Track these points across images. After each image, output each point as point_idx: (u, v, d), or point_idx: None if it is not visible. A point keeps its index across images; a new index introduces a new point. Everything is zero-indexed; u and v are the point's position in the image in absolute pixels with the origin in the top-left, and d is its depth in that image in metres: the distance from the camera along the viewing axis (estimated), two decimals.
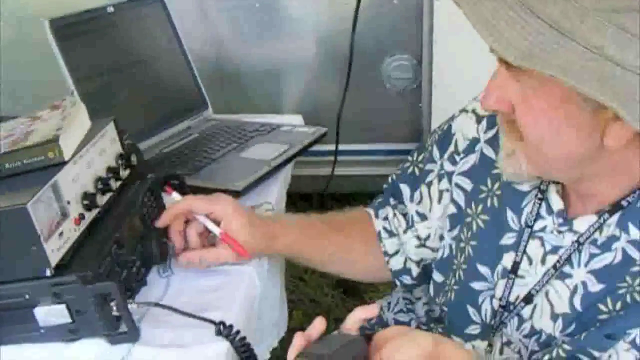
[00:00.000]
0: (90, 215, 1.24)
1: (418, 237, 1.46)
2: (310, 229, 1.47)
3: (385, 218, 1.50)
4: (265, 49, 2.71)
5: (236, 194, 1.58)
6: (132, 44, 1.93)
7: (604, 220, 1.14)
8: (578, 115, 1.01)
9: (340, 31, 2.60)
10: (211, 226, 1.35)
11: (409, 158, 1.50)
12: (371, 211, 1.53)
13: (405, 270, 1.49)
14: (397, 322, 1.60)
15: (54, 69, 1.71)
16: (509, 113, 1.10)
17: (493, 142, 1.31)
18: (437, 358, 1.00)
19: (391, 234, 1.49)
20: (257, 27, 2.66)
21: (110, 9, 1.87)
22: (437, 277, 1.40)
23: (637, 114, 0.94)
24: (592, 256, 1.15)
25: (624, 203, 1.13)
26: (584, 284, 1.16)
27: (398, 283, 1.52)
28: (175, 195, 1.38)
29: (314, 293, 2.99)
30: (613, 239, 1.13)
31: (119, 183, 1.34)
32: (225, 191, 1.58)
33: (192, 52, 2.04)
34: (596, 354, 1.10)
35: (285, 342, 1.53)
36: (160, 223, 1.37)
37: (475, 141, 1.36)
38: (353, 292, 2.97)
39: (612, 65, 0.95)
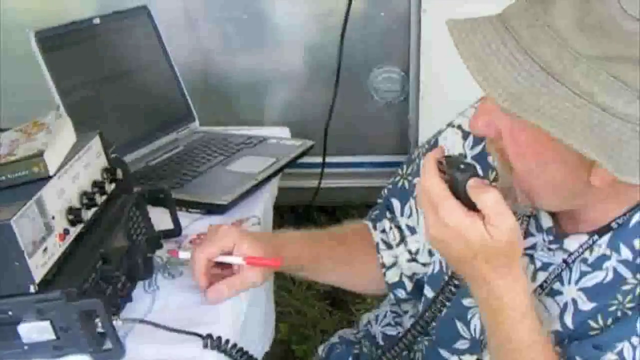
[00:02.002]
0: (75, 231, 1.23)
1: (409, 252, 1.46)
2: (314, 240, 1.46)
3: (383, 230, 1.50)
4: (252, 60, 2.71)
5: (222, 208, 1.57)
6: (119, 56, 1.91)
7: (594, 241, 1.15)
8: (564, 152, 1.01)
9: (328, 43, 2.61)
10: (232, 260, 1.30)
11: (399, 171, 1.50)
12: (369, 223, 1.53)
13: (400, 284, 1.49)
14: (385, 335, 1.60)
15: (39, 79, 1.69)
16: (497, 139, 1.10)
17: (480, 158, 1.30)
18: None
19: (388, 246, 1.48)
20: (244, 39, 2.67)
21: (97, 21, 1.86)
22: (428, 292, 1.39)
23: (622, 163, 0.94)
24: (582, 274, 1.16)
25: (614, 225, 1.13)
26: (574, 301, 1.16)
27: (392, 296, 1.51)
28: (183, 254, 1.33)
29: (300, 305, 2.98)
30: (604, 258, 1.14)
31: (104, 197, 1.33)
32: (211, 205, 1.58)
33: (178, 63, 2.03)
34: None
35: (270, 356, 1.53)
36: (203, 286, 1.30)
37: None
38: (340, 304, 2.97)
39: (600, 112, 0.95)
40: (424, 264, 1.44)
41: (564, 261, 1.18)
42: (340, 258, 1.50)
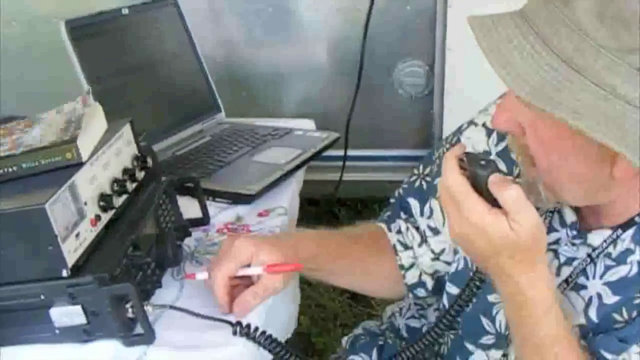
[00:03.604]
0: (106, 217, 1.24)
1: (432, 252, 1.45)
2: (329, 241, 1.44)
3: (399, 231, 1.49)
4: (277, 53, 2.72)
5: (249, 198, 1.58)
6: (146, 46, 1.93)
7: (618, 236, 1.15)
8: (587, 146, 1.01)
9: (353, 36, 2.60)
10: (252, 271, 1.27)
11: (415, 171, 1.50)
12: (383, 225, 1.52)
13: (421, 284, 1.48)
14: (409, 328, 1.60)
15: (66, 69, 1.71)
16: (520, 136, 1.10)
17: (504, 154, 1.30)
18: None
19: (406, 247, 1.47)
20: (269, 32, 2.67)
21: (125, 11, 1.88)
22: (452, 289, 1.39)
23: None
24: (607, 268, 1.16)
25: (637, 219, 1.14)
26: (599, 295, 1.16)
27: (411, 296, 1.51)
28: (201, 275, 1.28)
29: (320, 298, 2.99)
30: (628, 252, 1.14)
31: (134, 185, 1.34)
32: (238, 195, 1.59)
33: (203, 55, 2.05)
34: (608, 356, 1.12)
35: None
36: (227, 308, 1.25)
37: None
38: (360, 297, 2.97)
39: (622, 104, 0.95)
40: (447, 263, 1.44)
41: (589, 256, 1.18)
42: (356, 258, 1.48)
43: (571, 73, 0.96)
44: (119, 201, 1.28)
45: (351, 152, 2.70)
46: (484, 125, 1.37)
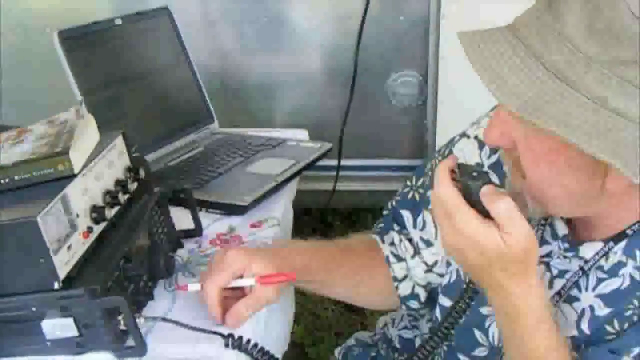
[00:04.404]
0: (98, 229, 1.24)
1: (425, 263, 1.45)
2: (322, 252, 1.44)
3: (392, 243, 1.49)
4: (270, 62, 2.72)
5: (242, 209, 1.58)
6: (139, 56, 1.93)
7: (610, 248, 1.15)
8: (579, 159, 1.01)
9: (346, 46, 2.61)
10: (245, 282, 1.26)
11: (408, 183, 1.49)
12: (376, 237, 1.51)
13: (414, 296, 1.48)
14: (402, 339, 1.60)
15: (58, 77, 1.71)
16: (512, 149, 1.10)
17: (497, 167, 1.30)
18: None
19: (399, 258, 1.47)
20: (262, 41, 2.67)
21: (118, 21, 1.87)
22: (444, 301, 1.39)
23: (637, 166, 0.94)
24: (599, 281, 1.16)
25: (629, 232, 1.14)
26: (591, 307, 1.17)
27: (404, 307, 1.51)
28: (193, 286, 1.28)
29: (315, 308, 2.98)
30: (620, 265, 1.14)
31: (126, 196, 1.34)
32: (231, 205, 1.59)
33: (198, 65, 2.04)
34: None
35: (284, 358, 1.53)
36: (219, 319, 1.25)
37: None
38: (354, 306, 2.96)
39: (614, 117, 0.95)
40: (440, 275, 1.44)
41: (581, 268, 1.18)
42: (349, 269, 1.48)
43: (562, 86, 0.96)
44: (111, 213, 1.28)
45: (345, 162, 2.70)
46: (476, 137, 1.37)
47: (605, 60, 0.95)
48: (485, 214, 1.06)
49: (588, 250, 1.17)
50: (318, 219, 3.18)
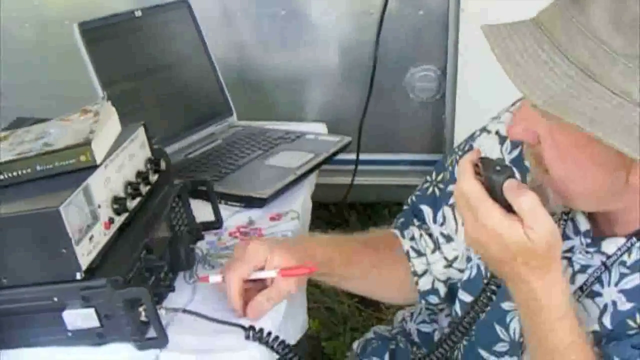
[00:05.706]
0: (119, 220, 1.24)
1: (445, 259, 1.45)
2: (343, 246, 1.44)
3: (412, 238, 1.48)
4: (289, 56, 2.72)
5: (262, 202, 1.58)
6: (159, 49, 1.93)
7: (632, 244, 1.15)
8: (603, 154, 1.01)
9: (365, 40, 2.60)
10: (266, 274, 1.27)
11: (427, 178, 1.49)
12: (396, 231, 1.51)
13: (433, 291, 1.48)
14: (420, 333, 1.60)
15: (78, 71, 1.71)
16: (535, 144, 1.10)
17: (518, 162, 1.30)
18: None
19: (419, 253, 1.47)
20: (281, 35, 2.67)
21: (138, 13, 1.88)
22: (464, 296, 1.39)
23: None
24: (622, 276, 1.16)
25: None
26: (614, 302, 1.16)
27: (424, 302, 1.51)
28: (214, 278, 1.28)
29: (330, 301, 2.98)
30: None
31: (147, 187, 1.34)
32: (251, 198, 1.59)
33: (216, 57, 2.05)
34: None
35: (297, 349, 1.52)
36: (240, 307, 1.25)
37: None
38: (369, 301, 2.95)
39: (639, 111, 0.94)
40: (460, 270, 1.43)
41: (603, 263, 1.17)
42: (369, 264, 1.47)
43: (587, 81, 0.96)
44: (132, 204, 1.28)
45: (363, 156, 2.70)
46: (497, 132, 1.36)
47: (630, 54, 0.94)
48: (508, 208, 1.06)
49: (610, 245, 1.17)
50: (335, 213, 3.17)
